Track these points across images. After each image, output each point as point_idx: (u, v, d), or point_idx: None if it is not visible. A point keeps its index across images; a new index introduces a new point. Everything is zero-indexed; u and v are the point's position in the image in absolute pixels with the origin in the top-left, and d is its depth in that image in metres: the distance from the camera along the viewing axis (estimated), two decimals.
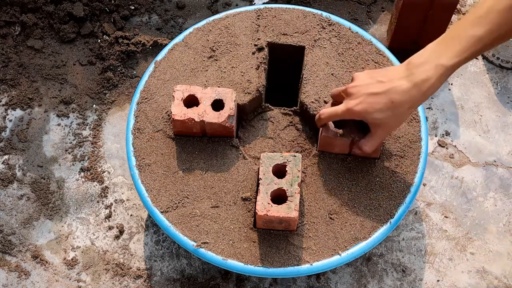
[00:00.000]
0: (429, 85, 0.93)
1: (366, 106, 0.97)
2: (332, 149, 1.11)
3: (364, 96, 0.97)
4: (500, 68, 1.50)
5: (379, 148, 1.09)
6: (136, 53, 1.50)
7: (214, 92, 1.10)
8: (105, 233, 1.30)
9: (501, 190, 1.35)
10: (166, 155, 1.13)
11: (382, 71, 1.00)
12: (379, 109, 0.96)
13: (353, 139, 1.06)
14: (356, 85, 0.99)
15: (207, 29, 1.25)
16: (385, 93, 0.96)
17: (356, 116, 0.99)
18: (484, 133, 1.42)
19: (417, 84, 0.93)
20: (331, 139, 1.07)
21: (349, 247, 1.06)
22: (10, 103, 1.43)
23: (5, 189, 1.34)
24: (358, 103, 0.98)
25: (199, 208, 1.09)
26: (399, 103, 0.95)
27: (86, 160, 1.38)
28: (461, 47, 0.91)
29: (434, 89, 0.94)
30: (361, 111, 0.98)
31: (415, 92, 0.94)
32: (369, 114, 0.97)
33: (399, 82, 0.95)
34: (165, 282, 1.25)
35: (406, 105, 0.95)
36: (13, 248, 1.28)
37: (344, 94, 1.02)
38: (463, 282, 1.25)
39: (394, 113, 0.96)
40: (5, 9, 1.51)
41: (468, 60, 0.93)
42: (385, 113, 0.96)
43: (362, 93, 0.98)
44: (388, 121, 0.98)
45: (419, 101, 0.95)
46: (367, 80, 0.99)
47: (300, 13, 1.26)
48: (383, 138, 1.03)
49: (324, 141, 1.09)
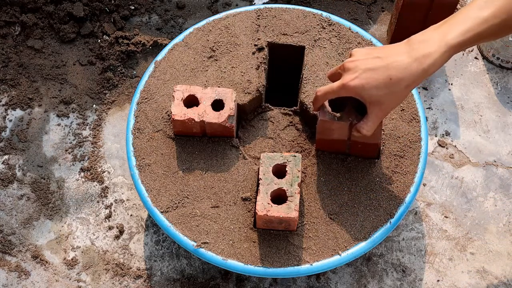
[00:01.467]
0: (431, 61, 0.89)
1: (363, 81, 0.92)
2: (330, 136, 1.07)
3: (361, 71, 0.93)
4: (500, 68, 1.50)
5: (379, 132, 1.05)
6: (136, 53, 1.50)
7: (214, 92, 1.10)
8: (105, 233, 1.30)
9: (501, 190, 1.35)
10: (166, 155, 1.13)
11: (382, 47, 0.96)
12: (376, 86, 0.92)
13: (352, 122, 1.02)
14: (354, 60, 0.95)
15: (207, 29, 1.26)
16: (383, 68, 0.92)
17: (351, 92, 0.94)
18: (484, 133, 1.42)
19: (418, 59, 0.90)
20: (328, 124, 1.04)
21: (349, 247, 1.06)
22: (10, 103, 1.43)
23: (5, 189, 1.34)
24: (354, 78, 0.93)
25: (199, 208, 1.09)
26: (397, 79, 0.91)
27: (86, 160, 1.38)
28: (465, 27, 0.89)
29: (436, 67, 0.90)
30: (357, 87, 0.93)
31: (415, 68, 0.90)
32: (365, 90, 0.92)
33: (398, 58, 0.91)
34: (165, 282, 1.25)
35: (405, 82, 0.91)
36: (13, 248, 1.28)
37: (341, 70, 0.97)
38: (463, 282, 1.25)
39: (391, 90, 0.92)
40: (5, 9, 1.51)
41: (472, 43, 0.90)
42: (382, 90, 0.92)
43: (359, 68, 0.93)
44: (385, 100, 0.93)
45: (418, 79, 0.91)
46: (365, 55, 0.95)
47: (300, 13, 1.26)
48: (381, 119, 0.97)
49: (322, 127, 1.06)
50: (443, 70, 1.49)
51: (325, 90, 0.98)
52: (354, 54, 0.97)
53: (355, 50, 0.97)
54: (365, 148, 1.09)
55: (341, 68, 0.97)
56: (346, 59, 0.97)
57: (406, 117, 1.16)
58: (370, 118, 0.97)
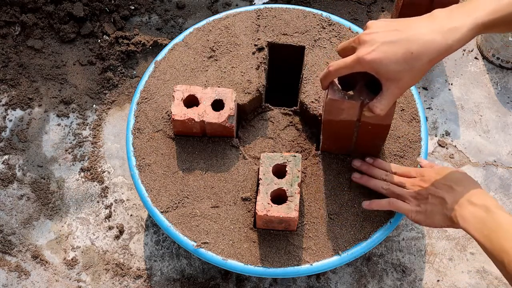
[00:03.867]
0: (457, 36, 0.83)
1: (381, 55, 0.84)
2: (339, 116, 0.99)
3: (379, 44, 0.85)
4: (500, 68, 1.50)
5: (392, 113, 0.97)
6: (136, 53, 1.50)
7: (214, 92, 1.10)
8: (105, 233, 1.30)
9: (501, 190, 1.35)
10: (166, 155, 1.13)
11: (401, 19, 0.88)
12: (395, 60, 0.84)
13: (363, 101, 0.94)
14: (370, 32, 0.87)
15: (207, 29, 1.26)
16: (404, 41, 0.84)
17: (367, 66, 0.86)
18: (484, 133, 1.42)
19: (443, 33, 0.83)
20: (338, 103, 0.96)
21: (349, 247, 1.06)
22: (10, 103, 1.43)
23: (5, 189, 1.34)
24: (371, 51, 0.85)
25: (199, 208, 1.09)
26: (419, 54, 0.84)
27: (86, 160, 1.38)
28: (494, 7, 0.84)
29: (461, 43, 0.83)
30: (374, 61, 0.85)
31: (439, 42, 0.83)
32: (383, 65, 0.85)
33: (420, 31, 0.84)
34: (165, 282, 1.25)
35: (427, 57, 0.84)
36: (13, 248, 1.28)
37: (355, 43, 0.89)
38: (463, 282, 1.25)
39: (411, 65, 0.84)
40: (5, 9, 1.51)
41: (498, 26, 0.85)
42: (402, 65, 0.84)
43: (377, 41, 0.85)
44: (403, 76, 0.86)
45: (442, 55, 0.84)
46: (383, 28, 0.87)
47: (300, 13, 1.26)
48: (397, 97, 0.90)
49: (331, 106, 0.97)
50: (443, 70, 1.49)
51: (338, 65, 0.90)
52: (370, 26, 0.89)
53: (371, 22, 0.89)
54: (375, 131, 1.03)
55: (355, 41, 0.89)
56: (361, 32, 0.90)
57: (406, 117, 1.16)
58: (385, 96, 0.89)
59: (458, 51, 1.52)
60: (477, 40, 1.54)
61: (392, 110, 0.96)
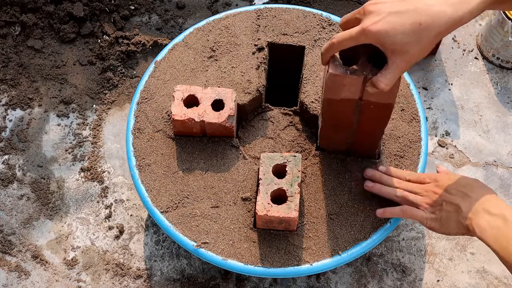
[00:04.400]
0: (468, 8, 0.80)
1: (387, 26, 0.80)
2: (340, 94, 0.94)
3: (385, 14, 0.81)
4: (500, 68, 1.50)
5: (395, 91, 0.92)
6: (136, 53, 1.50)
7: (214, 92, 1.10)
8: (105, 233, 1.30)
9: (501, 190, 1.35)
10: (166, 155, 1.13)
11: None
12: (402, 31, 0.80)
13: (366, 76, 0.89)
14: (376, 2, 0.83)
15: (207, 29, 1.26)
16: (412, 12, 0.80)
17: (372, 38, 0.82)
18: (484, 133, 1.42)
19: (453, 4, 0.80)
20: (340, 78, 0.90)
21: (349, 247, 1.06)
22: (10, 103, 1.43)
23: (5, 189, 1.34)
24: (377, 21, 0.81)
25: (199, 208, 1.09)
26: (427, 25, 0.80)
27: (86, 160, 1.38)
28: None
29: (471, 16, 0.80)
30: (380, 32, 0.81)
31: (449, 14, 0.80)
32: (390, 37, 0.81)
33: (429, 1, 0.81)
34: (165, 282, 1.25)
35: (435, 30, 0.80)
36: (13, 248, 1.28)
37: (360, 14, 0.85)
38: (463, 282, 1.25)
39: (419, 37, 0.81)
40: (5, 9, 1.51)
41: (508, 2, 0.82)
42: (409, 37, 0.80)
43: (383, 11, 0.81)
44: (410, 48, 0.82)
45: (451, 27, 0.81)
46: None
47: (300, 13, 1.26)
48: (402, 71, 0.86)
49: (332, 81, 0.92)
50: (443, 70, 1.49)
51: (342, 37, 0.86)
52: None
53: None
54: (377, 112, 0.97)
55: (360, 12, 0.85)
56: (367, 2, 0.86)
57: (406, 117, 1.16)
58: (390, 70, 0.85)
59: (458, 51, 1.52)
60: (477, 40, 1.54)
61: (397, 87, 0.91)
